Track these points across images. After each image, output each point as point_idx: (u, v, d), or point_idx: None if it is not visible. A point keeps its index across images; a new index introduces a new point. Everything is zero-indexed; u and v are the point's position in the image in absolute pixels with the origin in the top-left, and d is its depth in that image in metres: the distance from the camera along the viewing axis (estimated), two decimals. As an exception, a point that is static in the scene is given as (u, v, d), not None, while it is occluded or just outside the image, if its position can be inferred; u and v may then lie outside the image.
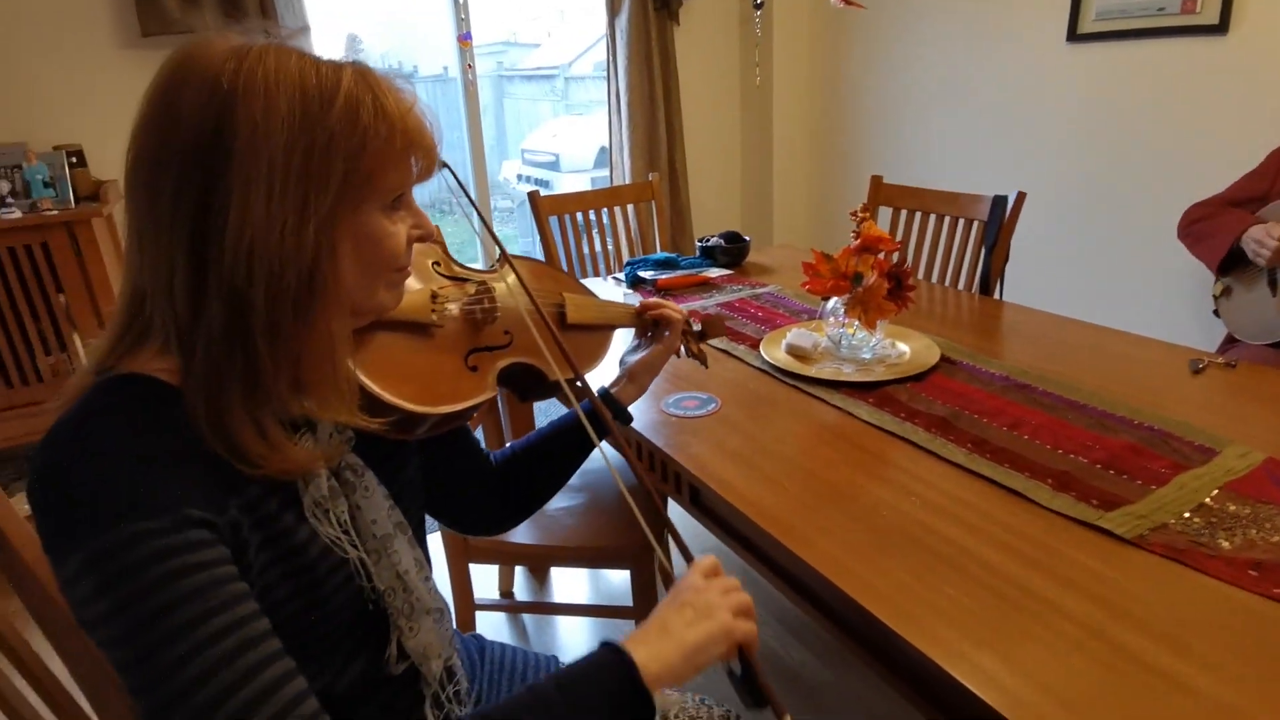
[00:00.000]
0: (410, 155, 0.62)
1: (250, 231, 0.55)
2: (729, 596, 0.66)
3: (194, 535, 0.53)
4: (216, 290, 0.56)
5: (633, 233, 2.42)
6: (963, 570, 0.83)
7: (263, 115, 0.54)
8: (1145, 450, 1.04)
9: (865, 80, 3.31)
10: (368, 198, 0.60)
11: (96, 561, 0.51)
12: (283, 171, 0.55)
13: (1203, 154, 2.30)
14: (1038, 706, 0.65)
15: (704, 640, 0.63)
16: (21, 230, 2.08)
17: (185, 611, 0.51)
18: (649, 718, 0.60)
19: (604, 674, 0.60)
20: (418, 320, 0.76)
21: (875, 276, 1.33)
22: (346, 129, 0.57)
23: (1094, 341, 1.46)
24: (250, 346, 0.57)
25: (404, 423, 0.72)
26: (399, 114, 0.60)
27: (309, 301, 0.58)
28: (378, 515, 0.70)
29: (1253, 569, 0.80)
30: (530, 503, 0.97)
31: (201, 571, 0.53)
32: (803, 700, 1.66)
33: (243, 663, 0.52)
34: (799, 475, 1.04)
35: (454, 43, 3.01)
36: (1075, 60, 2.56)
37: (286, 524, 0.62)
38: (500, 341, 0.84)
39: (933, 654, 0.72)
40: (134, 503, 0.52)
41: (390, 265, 0.64)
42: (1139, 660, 0.70)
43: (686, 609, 0.64)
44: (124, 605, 0.51)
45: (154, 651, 0.50)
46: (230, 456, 0.57)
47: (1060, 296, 2.78)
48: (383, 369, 0.70)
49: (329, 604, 0.65)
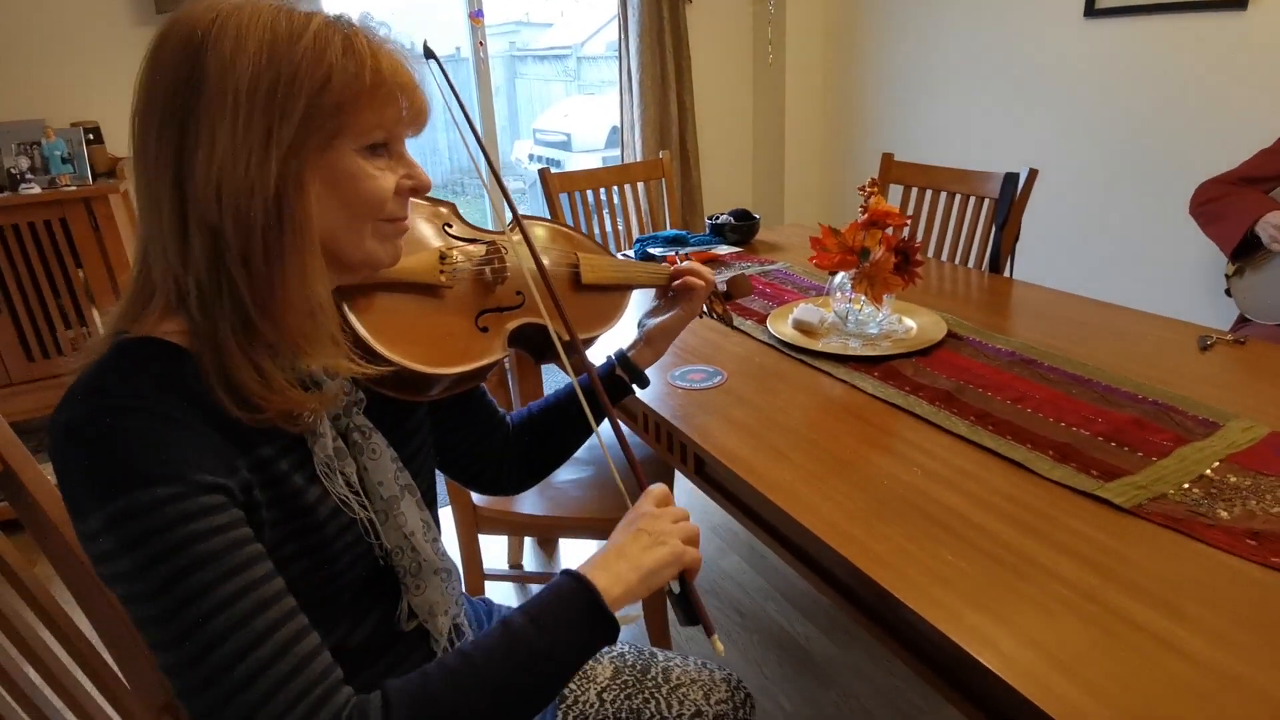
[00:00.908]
0: (383, 96, 0.62)
1: (218, 165, 0.57)
2: (679, 525, 0.71)
3: (209, 500, 0.55)
4: (196, 229, 0.58)
5: (643, 211, 2.43)
6: (962, 536, 0.84)
7: (231, 55, 0.57)
8: (1148, 424, 1.04)
9: (878, 58, 3.28)
10: (338, 134, 0.61)
11: (117, 522, 0.53)
12: (247, 105, 0.57)
13: (1219, 131, 2.27)
14: (1031, 666, 0.67)
15: (658, 564, 0.67)
16: (41, 206, 2.11)
17: (204, 574, 0.54)
18: (613, 635, 0.66)
19: (570, 601, 0.65)
20: (426, 281, 0.77)
21: (882, 251, 1.34)
22: (311, 64, 0.58)
23: (1102, 318, 1.46)
24: (231, 283, 0.59)
25: (416, 384, 0.73)
26: (368, 52, 0.61)
27: (278, 235, 0.59)
28: (384, 477, 0.72)
29: (1251, 538, 0.81)
30: (545, 464, 0.98)
31: (218, 535, 0.55)
32: (809, 673, 1.69)
33: (259, 622, 0.55)
34: (803, 446, 1.05)
35: (466, 20, 3.01)
36: (1092, 36, 2.53)
37: (296, 485, 0.64)
38: (512, 302, 0.84)
39: (929, 616, 0.73)
40: (152, 465, 0.54)
41: (373, 210, 0.64)
42: (1133, 623, 0.71)
43: (642, 535, 0.69)
44: (144, 566, 0.53)
45: (175, 612, 0.53)
46: (235, 405, 0.59)
47: (1072, 275, 2.77)
48: (392, 330, 0.71)
49: (338, 563, 0.67)
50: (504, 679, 0.60)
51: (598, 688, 0.93)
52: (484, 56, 3.08)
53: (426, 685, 0.59)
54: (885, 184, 2.24)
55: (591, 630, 0.64)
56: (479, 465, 0.94)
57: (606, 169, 2.38)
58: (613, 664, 0.96)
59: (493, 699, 0.60)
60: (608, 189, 2.36)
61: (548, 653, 0.62)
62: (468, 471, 0.95)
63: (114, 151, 2.41)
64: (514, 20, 4.30)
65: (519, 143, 4.87)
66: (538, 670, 0.62)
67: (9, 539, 0.80)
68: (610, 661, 0.96)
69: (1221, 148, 2.23)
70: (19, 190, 2.08)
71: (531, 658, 0.62)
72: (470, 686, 0.59)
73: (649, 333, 1.00)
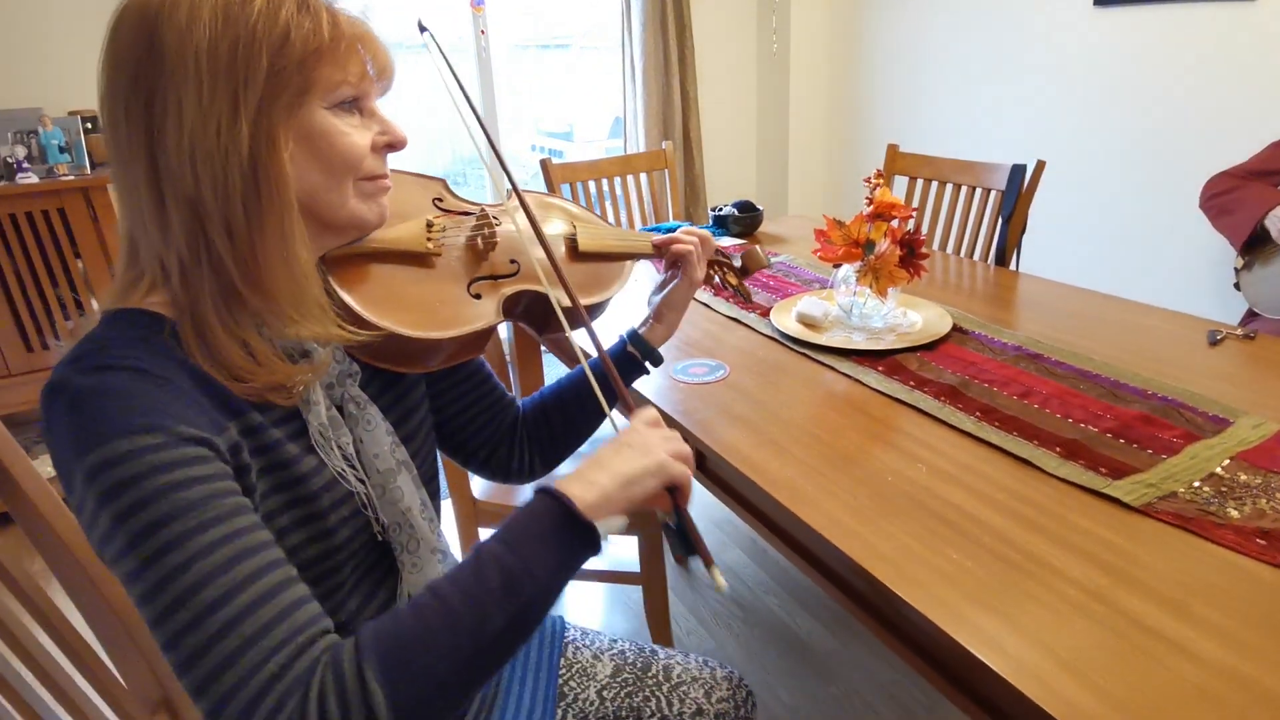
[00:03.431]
0: (343, 48, 0.62)
1: (188, 135, 0.57)
2: (668, 441, 0.67)
3: (191, 451, 0.54)
4: (173, 202, 0.58)
5: (645, 202, 2.41)
6: (967, 534, 0.83)
7: (187, 23, 0.57)
8: (1157, 420, 1.03)
9: (884, 47, 3.25)
10: (305, 92, 0.61)
11: (96, 475, 0.52)
12: (210, 72, 0.57)
13: (1229, 123, 2.24)
14: (1037, 667, 0.66)
15: (638, 472, 0.63)
16: (39, 195, 2.09)
17: (182, 524, 0.52)
18: (596, 544, 0.62)
19: (543, 517, 0.61)
20: (414, 250, 0.76)
21: (888, 244, 1.32)
22: (268, 24, 0.58)
23: (1109, 312, 1.44)
24: (213, 253, 0.59)
25: (409, 352, 0.72)
26: (322, 6, 0.61)
27: (256, 198, 0.59)
28: (380, 449, 0.72)
29: (1260, 538, 0.79)
30: (559, 449, 0.96)
31: (198, 485, 0.54)
32: (810, 668, 1.68)
33: (239, 570, 0.53)
34: (806, 441, 1.04)
35: (468, 9, 2.98)
36: (1102, 26, 2.49)
37: (290, 454, 0.63)
38: (507, 270, 0.82)
39: (933, 616, 0.72)
40: (132, 416, 0.53)
41: (351, 168, 0.64)
42: (1141, 624, 0.69)
43: (625, 448, 0.65)
44: (123, 517, 0.52)
45: (153, 560, 0.52)
46: (220, 375, 0.59)
47: (1080, 268, 2.74)
48: (380, 297, 0.71)
49: (334, 537, 0.66)
50: (478, 604, 0.56)
51: (598, 685, 0.92)
52: (485, 45, 3.05)
53: (397, 619, 0.55)
54: (890, 175, 2.22)
55: (569, 542, 0.60)
56: (487, 449, 0.93)
57: (609, 159, 2.36)
58: (613, 662, 0.95)
59: (469, 626, 0.55)
60: (610, 180, 2.34)
61: (523, 571, 0.58)
62: (476, 456, 0.93)
63: (113, 141, 2.40)
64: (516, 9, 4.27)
65: (521, 133, 4.84)
66: (515, 591, 0.57)
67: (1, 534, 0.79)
68: (611, 659, 0.95)
69: (1232, 140, 2.20)
70: (16, 180, 2.07)
71: (506, 578, 0.57)
72: (440, 616, 0.55)
73: (657, 308, 0.98)
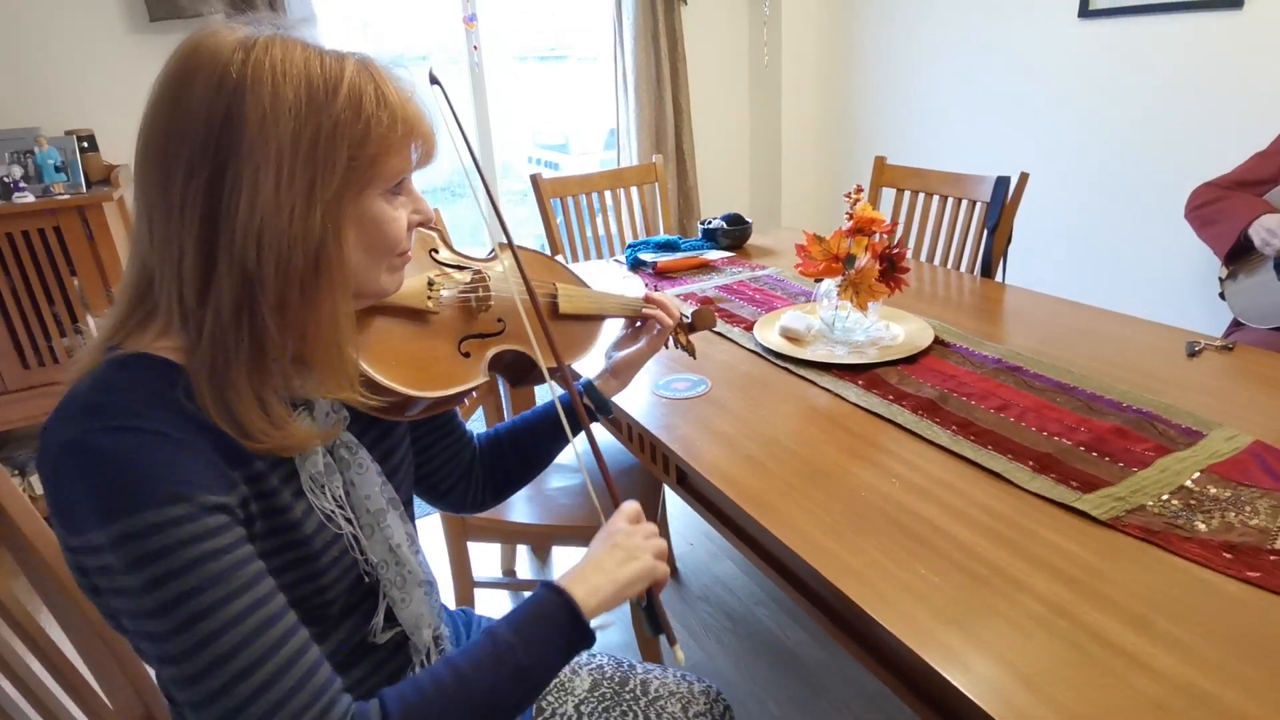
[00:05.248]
0: (410, 142, 0.64)
1: (260, 215, 0.57)
2: (650, 541, 0.75)
3: (214, 521, 0.57)
4: (227, 271, 0.58)
5: (636, 215, 2.42)
6: (936, 550, 0.84)
7: (270, 104, 0.57)
8: (1130, 433, 1.04)
9: (874, 59, 3.27)
10: (371, 183, 0.63)
11: (125, 541, 0.54)
12: (290, 157, 0.58)
13: (1215, 133, 2.26)
14: (996, 682, 0.67)
15: (632, 578, 0.72)
16: (35, 214, 2.11)
17: (213, 593, 0.55)
18: (591, 643, 0.70)
19: (551, 613, 0.68)
20: (414, 306, 0.79)
21: (868, 258, 1.33)
22: (351, 117, 0.60)
23: (1090, 323, 1.45)
24: (258, 324, 0.60)
25: (398, 405, 0.75)
26: (400, 102, 0.63)
27: (315, 281, 0.60)
28: (371, 491, 0.73)
29: (1227, 551, 0.80)
30: (505, 486, 0.99)
31: (225, 555, 0.56)
32: (798, 679, 1.68)
33: (266, 638, 0.57)
34: (783, 456, 1.05)
35: (461, 24, 3.01)
36: (1087, 36, 2.51)
37: (284, 500, 0.65)
38: (493, 329, 0.86)
39: (898, 631, 0.73)
40: (158, 486, 0.55)
41: (393, 249, 0.67)
42: (1101, 638, 0.70)
43: (617, 550, 0.73)
44: (153, 584, 0.54)
45: (183, 628, 0.54)
46: (233, 432, 0.61)
47: (1068, 279, 2.75)
48: (378, 353, 0.73)
49: (324, 577, 0.68)
50: (490, 688, 0.64)
51: (575, 700, 0.93)
52: (479, 61, 3.08)
53: (420, 693, 0.62)
54: (878, 187, 2.24)
55: (571, 640, 0.69)
56: (447, 483, 0.95)
57: (599, 174, 2.38)
58: (591, 676, 0.95)
59: (480, 706, 0.64)
60: (600, 194, 2.36)
61: (531, 663, 0.66)
62: (437, 489, 0.95)
63: (109, 159, 2.42)
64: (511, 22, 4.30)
65: (517, 145, 4.87)
66: (522, 680, 0.66)
67: (-17, 556, 0.81)
68: (589, 674, 0.96)
69: (1217, 149, 2.22)
70: (12, 200, 2.09)
71: (516, 669, 0.66)
72: (460, 695, 0.63)
73: (615, 364, 1.02)
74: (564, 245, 2.30)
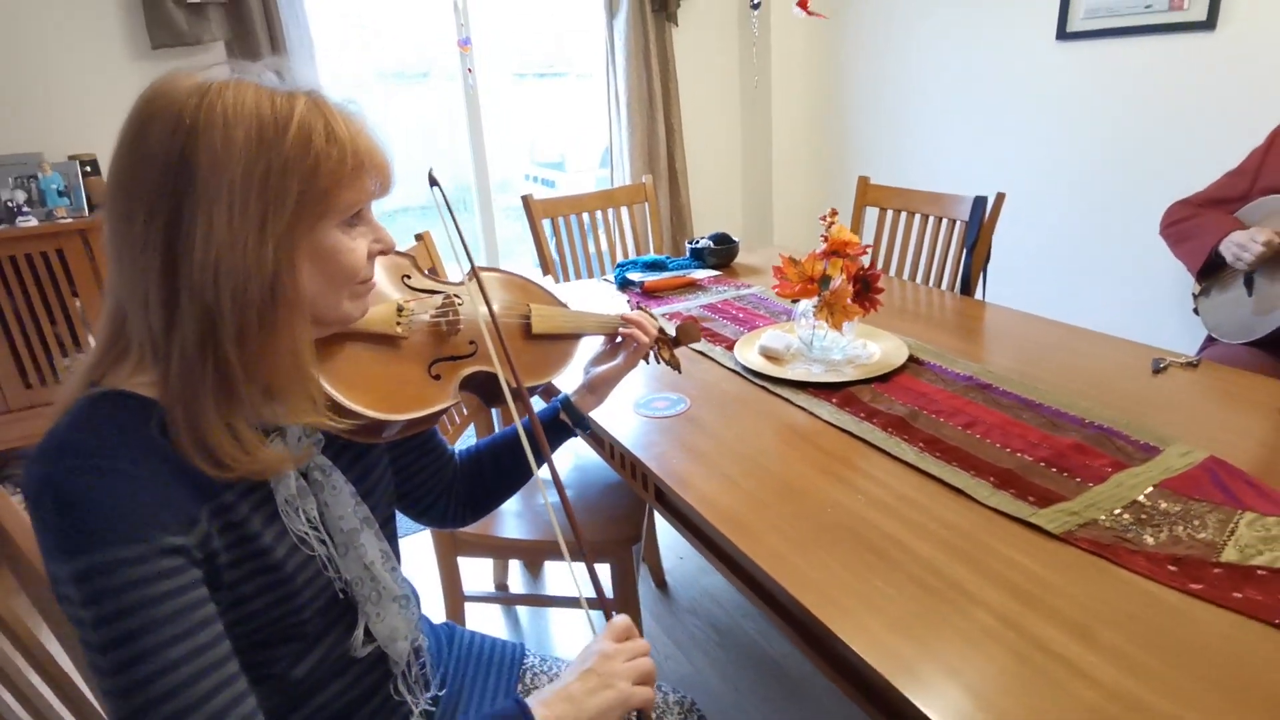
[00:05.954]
0: (362, 174, 0.67)
1: (215, 250, 0.61)
2: (633, 664, 0.73)
3: (167, 563, 0.59)
4: (189, 305, 0.61)
5: (627, 235, 2.47)
6: (894, 563, 0.87)
7: (222, 145, 0.60)
8: (1089, 449, 1.08)
9: (860, 80, 3.33)
10: (324, 215, 0.66)
11: (82, 578, 0.57)
12: (242, 194, 0.61)
13: (1191, 151, 2.31)
14: (943, 691, 0.70)
15: (603, 708, 0.70)
16: (38, 238, 2.17)
17: (153, 637, 0.58)
18: None
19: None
20: (384, 332, 0.81)
21: (842, 279, 1.37)
22: (300, 153, 0.63)
23: (1063, 340, 1.49)
24: (221, 355, 0.63)
25: (371, 427, 0.78)
26: (349, 137, 0.66)
27: (272, 312, 0.63)
28: (344, 511, 0.76)
29: (1172, 564, 0.84)
30: (485, 502, 1.02)
31: (171, 599, 0.59)
32: (784, 691, 1.71)
33: (201, 687, 0.59)
34: (756, 474, 1.09)
35: (455, 48, 3.07)
36: (1065, 58, 2.57)
37: (255, 527, 0.68)
38: (464, 351, 0.89)
39: (854, 642, 0.76)
40: (116, 526, 0.58)
41: (351, 278, 0.70)
42: (1047, 649, 0.74)
43: (591, 676, 0.72)
44: (101, 622, 0.57)
45: (123, 668, 0.57)
46: (206, 463, 0.63)
47: (1046, 296, 2.80)
48: (349, 378, 0.75)
49: (298, 598, 0.71)
50: None
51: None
52: (473, 83, 3.14)
53: None
54: (862, 207, 2.28)
55: None
56: (428, 500, 0.98)
57: (590, 194, 2.43)
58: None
59: None
60: (591, 214, 2.41)
61: None
62: (418, 505, 0.99)
63: (111, 182, 2.48)
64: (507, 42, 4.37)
65: (514, 164, 4.93)
66: None
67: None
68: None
69: (1192, 168, 2.26)
70: (16, 224, 2.14)
71: None
72: None
73: (591, 380, 1.05)
74: (555, 265, 2.34)
